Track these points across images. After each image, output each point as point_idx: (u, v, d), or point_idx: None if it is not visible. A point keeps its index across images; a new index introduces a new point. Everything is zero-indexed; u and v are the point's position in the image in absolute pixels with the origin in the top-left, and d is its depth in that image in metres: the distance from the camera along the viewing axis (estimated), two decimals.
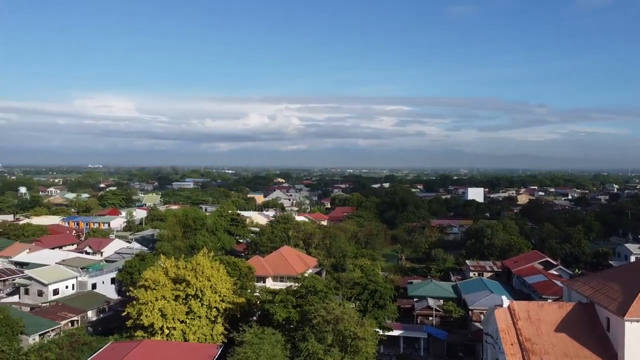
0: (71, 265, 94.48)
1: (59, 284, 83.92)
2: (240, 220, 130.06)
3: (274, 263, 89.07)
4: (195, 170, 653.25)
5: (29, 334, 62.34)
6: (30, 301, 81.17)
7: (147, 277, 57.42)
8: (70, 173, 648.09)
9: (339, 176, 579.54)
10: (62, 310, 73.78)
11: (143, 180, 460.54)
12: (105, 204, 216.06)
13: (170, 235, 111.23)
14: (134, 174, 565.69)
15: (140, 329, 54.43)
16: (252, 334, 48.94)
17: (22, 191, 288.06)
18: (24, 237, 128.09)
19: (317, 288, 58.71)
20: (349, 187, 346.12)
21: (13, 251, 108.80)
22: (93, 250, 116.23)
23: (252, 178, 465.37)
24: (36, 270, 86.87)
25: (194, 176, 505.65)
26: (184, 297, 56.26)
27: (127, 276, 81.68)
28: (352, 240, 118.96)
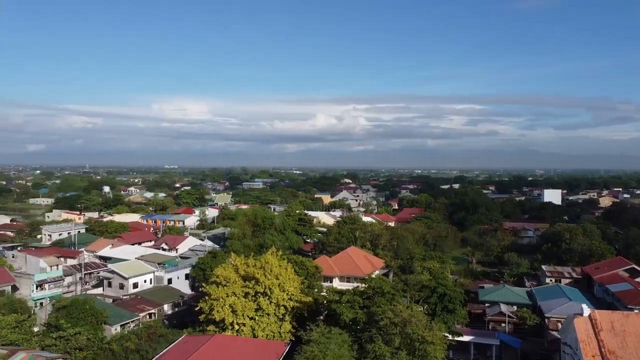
0: (149, 260, 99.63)
1: (139, 278, 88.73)
2: (307, 220, 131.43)
3: (340, 263, 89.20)
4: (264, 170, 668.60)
5: (111, 324, 66.37)
6: (113, 293, 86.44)
7: (218, 274, 59.41)
8: (148, 173, 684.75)
9: (407, 177, 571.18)
10: (140, 303, 77.97)
11: (215, 180, 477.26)
12: (180, 203, 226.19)
13: (240, 233, 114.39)
14: (207, 175, 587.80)
15: (212, 324, 56.37)
16: (319, 333, 49.24)
17: (105, 190, 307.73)
18: (108, 233, 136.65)
19: (384, 290, 58.13)
20: (417, 188, 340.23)
21: (98, 246, 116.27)
22: (169, 247, 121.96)
23: (319, 178, 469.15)
24: (118, 265, 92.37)
25: (263, 176, 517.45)
26: (253, 294, 57.64)
27: (200, 272, 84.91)
28: (420, 242, 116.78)
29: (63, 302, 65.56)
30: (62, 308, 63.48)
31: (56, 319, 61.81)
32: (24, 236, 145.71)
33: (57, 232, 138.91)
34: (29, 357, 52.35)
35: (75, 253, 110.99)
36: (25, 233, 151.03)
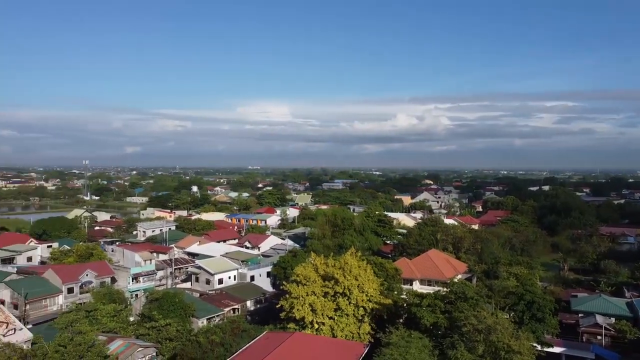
0: (233, 258, 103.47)
1: (223, 274, 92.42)
2: (387, 222, 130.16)
3: (421, 266, 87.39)
4: (344, 171, 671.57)
5: (198, 317, 69.64)
6: (200, 288, 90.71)
7: (298, 273, 60.36)
8: (233, 174, 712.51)
9: (492, 178, 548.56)
10: (225, 298, 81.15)
11: (296, 180, 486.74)
12: (262, 202, 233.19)
13: (320, 233, 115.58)
14: (288, 175, 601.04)
15: (293, 322, 57.35)
16: (399, 336, 48.48)
17: (194, 190, 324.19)
18: (195, 230, 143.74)
19: (468, 294, 56.10)
20: (503, 190, 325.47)
21: (186, 243, 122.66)
22: (252, 245, 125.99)
23: (399, 179, 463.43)
24: (205, 261, 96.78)
25: (343, 177, 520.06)
26: (332, 294, 57.95)
27: (281, 271, 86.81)
28: (506, 246, 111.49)
29: (155, 294, 69.78)
30: (155, 300, 67.60)
31: (149, 310, 65.91)
32: (122, 232, 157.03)
33: (150, 228, 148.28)
34: (126, 344, 56.27)
35: (166, 249, 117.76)
36: (123, 229, 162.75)
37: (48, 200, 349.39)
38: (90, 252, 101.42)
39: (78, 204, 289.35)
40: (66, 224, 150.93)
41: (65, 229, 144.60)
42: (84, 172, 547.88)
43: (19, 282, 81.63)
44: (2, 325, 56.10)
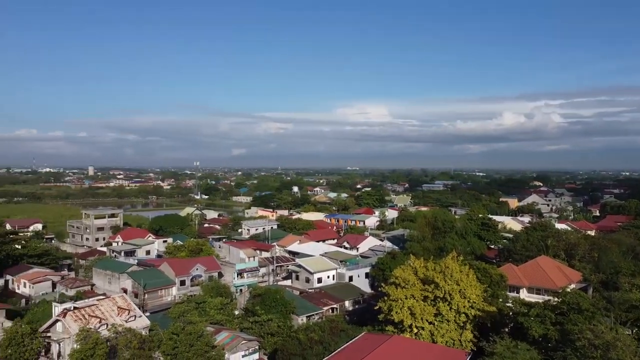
0: (332, 257, 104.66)
1: (323, 273, 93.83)
2: (491, 225, 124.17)
3: (529, 273, 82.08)
4: (445, 172, 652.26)
5: (298, 314, 71.37)
6: (300, 286, 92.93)
7: (397, 275, 59.53)
8: (332, 174, 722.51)
9: (611, 180, 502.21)
10: (324, 297, 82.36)
11: (395, 181, 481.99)
12: (361, 203, 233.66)
13: (419, 236, 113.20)
14: (387, 176, 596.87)
15: (391, 324, 56.69)
16: (504, 346, 45.94)
17: (294, 190, 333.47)
18: (296, 230, 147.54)
19: (582, 306, 51.73)
20: (625, 193, 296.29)
21: (287, 241, 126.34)
22: (350, 245, 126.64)
23: (504, 181, 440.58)
24: (305, 260, 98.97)
25: (444, 178, 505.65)
26: (432, 298, 56.41)
27: (379, 272, 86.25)
28: (628, 255, 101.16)
29: (258, 290, 72.68)
30: (258, 296, 70.43)
31: (252, 305, 68.79)
32: (228, 229, 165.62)
33: (254, 227, 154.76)
34: (231, 337, 59.19)
35: (269, 247, 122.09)
36: (229, 227, 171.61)
37: (164, 199, 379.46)
38: (200, 248, 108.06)
39: (190, 203, 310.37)
40: (179, 221, 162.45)
41: (178, 226, 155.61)
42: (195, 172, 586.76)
43: (139, 273, 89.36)
44: (125, 312, 61.65)
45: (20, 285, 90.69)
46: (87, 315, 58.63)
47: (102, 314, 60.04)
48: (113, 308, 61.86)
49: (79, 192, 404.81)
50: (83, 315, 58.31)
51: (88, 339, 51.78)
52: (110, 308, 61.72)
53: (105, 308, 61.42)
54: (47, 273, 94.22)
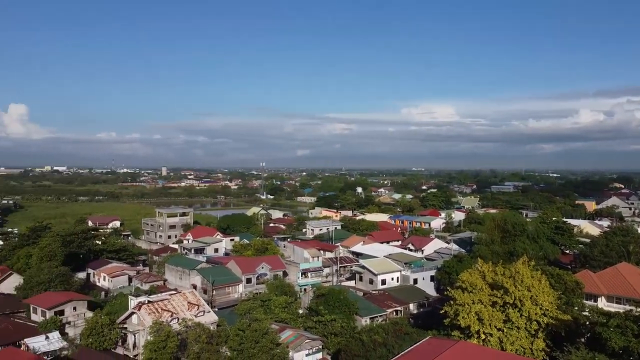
0: (396, 259, 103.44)
1: (386, 275, 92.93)
2: (566, 229, 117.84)
3: (608, 280, 77.02)
4: (516, 173, 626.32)
5: (362, 315, 71.11)
6: (363, 287, 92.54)
7: (464, 279, 57.83)
8: (396, 175, 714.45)
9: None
10: (388, 299, 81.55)
11: (462, 183, 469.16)
12: (426, 204, 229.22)
13: (488, 239, 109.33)
14: (453, 177, 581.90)
15: (457, 329, 55.13)
16: (580, 357, 43.49)
17: (358, 191, 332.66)
18: (360, 230, 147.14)
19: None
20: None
21: (351, 242, 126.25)
22: (415, 247, 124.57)
23: (581, 182, 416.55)
24: (368, 261, 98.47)
25: (514, 179, 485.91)
26: (501, 304, 54.28)
27: (445, 275, 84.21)
28: None
29: (322, 290, 73.16)
30: (321, 296, 70.89)
31: (316, 305, 69.32)
32: (292, 229, 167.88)
33: (318, 227, 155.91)
34: (295, 335, 59.96)
35: (332, 247, 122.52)
36: (293, 226, 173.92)
37: (231, 199, 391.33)
38: (265, 247, 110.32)
39: (256, 202, 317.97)
40: (246, 220, 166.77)
41: (245, 225, 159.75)
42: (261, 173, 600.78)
43: (208, 270, 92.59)
44: (194, 307, 64.09)
45: (100, 279, 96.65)
46: (160, 309, 61.50)
47: (173, 308, 62.76)
48: (184, 303, 64.48)
49: (153, 191, 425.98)
50: (156, 309, 61.21)
51: (160, 331, 54.27)
52: (181, 303, 64.40)
53: (176, 303, 64.16)
54: (124, 268, 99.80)
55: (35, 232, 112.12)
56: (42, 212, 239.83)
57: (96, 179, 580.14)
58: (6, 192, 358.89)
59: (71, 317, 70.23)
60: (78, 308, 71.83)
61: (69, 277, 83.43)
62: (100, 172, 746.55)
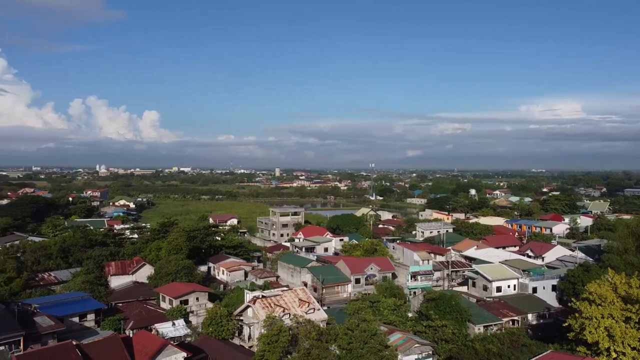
0: (513, 266, 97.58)
1: (502, 282, 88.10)
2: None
3: None
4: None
5: (475, 323, 68.08)
6: (476, 294, 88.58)
7: (592, 291, 52.91)
8: (513, 177, 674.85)
9: None
10: (503, 308, 77.17)
11: (589, 185, 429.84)
12: (547, 208, 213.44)
13: (620, 247, 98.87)
14: (579, 179, 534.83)
15: (583, 345, 50.59)
16: None
17: (472, 193, 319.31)
18: (472, 234, 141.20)
19: None
20: None
21: (463, 246, 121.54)
22: (534, 254, 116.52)
23: None
24: (482, 266, 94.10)
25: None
26: (637, 320, 48.78)
27: (569, 286, 77.69)
28: None
29: (432, 294, 71.24)
30: (432, 300, 69.07)
31: (426, 309, 67.72)
32: (402, 231, 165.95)
33: (428, 229, 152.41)
34: (404, 338, 59.08)
35: (443, 250, 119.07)
36: (403, 228, 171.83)
37: (341, 199, 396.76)
38: (374, 248, 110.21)
39: (365, 203, 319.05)
40: (355, 221, 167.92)
41: (354, 225, 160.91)
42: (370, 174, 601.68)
43: (318, 269, 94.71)
44: (305, 304, 65.88)
45: (219, 272, 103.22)
46: (272, 304, 64.12)
47: (285, 304, 65.06)
48: (295, 299, 66.57)
49: (267, 191, 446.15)
50: (269, 304, 63.91)
51: (273, 325, 56.55)
52: (292, 299, 66.56)
53: (288, 299, 66.45)
54: (240, 263, 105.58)
55: (164, 227, 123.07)
56: (170, 209, 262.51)
57: (216, 179, 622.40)
58: (141, 190, 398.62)
59: (194, 307, 75.87)
60: (200, 299, 77.41)
61: (193, 269, 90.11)
62: (220, 172, 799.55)
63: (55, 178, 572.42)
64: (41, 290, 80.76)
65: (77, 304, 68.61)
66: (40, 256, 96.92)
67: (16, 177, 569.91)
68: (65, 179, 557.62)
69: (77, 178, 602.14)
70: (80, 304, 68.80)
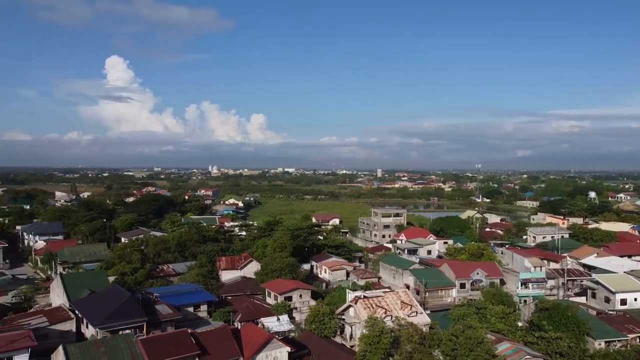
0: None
1: (627, 294, 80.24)
2: None
3: None
4: None
5: (594, 338, 62.45)
6: (597, 305, 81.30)
7: None
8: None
9: None
10: (629, 323, 69.84)
11: None
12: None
13: None
14: None
15: None
16: None
17: (591, 196, 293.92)
18: (592, 241, 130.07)
19: None
20: None
21: (581, 253, 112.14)
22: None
23: None
24: (604, 276, 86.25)
25: None
26: None
27: None
28: None
29: (545, 304, 66.55)
30: (545, 310, 64.55)
31: (538, 319, 63.43)
32: (511, 235, 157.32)
33: (541, 234, 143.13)
34: (513, 349, 55.80)
35: (558, 257, 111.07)
36: (512, 232, 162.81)
37: (445, 201, 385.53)
38: (480, 252, 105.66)
39: (470, 205, 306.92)
40: (460, 223, 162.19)
41: (458, 228, 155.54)
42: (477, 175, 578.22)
43: (421, 271, 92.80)
44: (407, 307, 64.84)
45: (321, 271, 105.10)
46: (374, 305, 63.92)
47: (387, 305, 64.55)
48: (397, 301, 65.80)
49: (369, 192, 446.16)
50: (371, 305, 63.79)
51: (375, 326, 56.33)
52: (394, 301, 65.85)
53: (390, 301, 65.85)
54: (342, 263, 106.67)
55: (270, 225, 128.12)
56: (275, 209, 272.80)
57: (319, 179, 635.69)
58: (248, 190, 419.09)
59: (298, 304, 78.00)
60: (303, 296, 79.41)
61: (296, 267, 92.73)
62: (322, 173, 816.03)
63: (173, 178, 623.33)
64: (161, 280, 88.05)
65: (192, 295, 73.80)
66: (160, 249, 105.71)
67: (141, 177, 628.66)
68: (182, 179, 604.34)
69: (192, 178, 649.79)
70: (195, 295, 73.92)
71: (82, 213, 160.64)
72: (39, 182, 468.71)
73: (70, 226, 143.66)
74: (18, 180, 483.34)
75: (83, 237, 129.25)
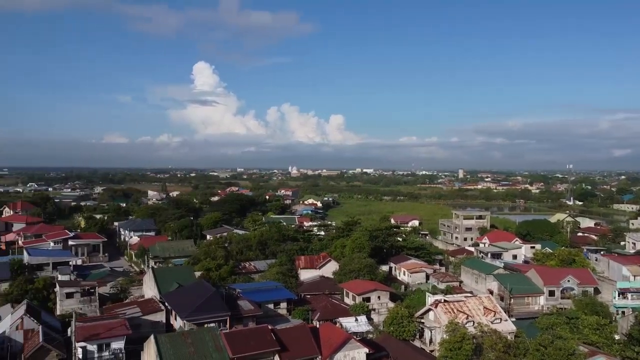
0: None
1: None
2: None
3: None
4: None
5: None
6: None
7: None
8: None
9: None
10: None
11: None
12: None
13: None
14: None
15: None
16: None
17: None
18: None
19: None
20: None
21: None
22: None
23: None
24: None
25: None
26: None
27: None
28: None
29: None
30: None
31: (638, 333, 58.43)
32: (607, 241, 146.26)
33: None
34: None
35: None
36: (608, 238, 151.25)
37: (532, 203, 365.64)
38: (572, 258, 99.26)
39: (561, 208, 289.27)
40: (549, 227, 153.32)
41: (547, 232, 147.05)
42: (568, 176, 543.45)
43: (506, 277, 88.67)
44: (490, 313, 62.24)
45: (400, 273, 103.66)
46: (455, 309, 62.01)
47: (469, 310, 62.37)
48: (479, 307, 63.41)
49: (450, 193, 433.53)
50: (452, 309, 61.94)
51: (456, 332, 54.64)
52: (476, 307, 63.51)
53: (471, 306, 63.58)
54: (422, 265, 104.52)
55: (348, 226, 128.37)
56: (353, 209, 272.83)
57: (398, 180, 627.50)
58: (327, 190, 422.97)
59: (376, 305, 77.45)
60: (382, 297, 78.73)
61: (375, 268, 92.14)
62: (401, 174, 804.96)
63: (255, 178, 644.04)
64: (243, 277, 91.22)
65: (272, 293, 75.68)
66: (242, 247, 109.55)
67: (225, 177, 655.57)
68: (263, 179, 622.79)
69: (273, 178, 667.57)
70: (275, 293, 75.75)
71: (171, 211, 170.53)
72: (134, 181, 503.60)
73: (161, 223, 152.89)
74: (116, 180, 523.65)
75: (172, 233, 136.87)
